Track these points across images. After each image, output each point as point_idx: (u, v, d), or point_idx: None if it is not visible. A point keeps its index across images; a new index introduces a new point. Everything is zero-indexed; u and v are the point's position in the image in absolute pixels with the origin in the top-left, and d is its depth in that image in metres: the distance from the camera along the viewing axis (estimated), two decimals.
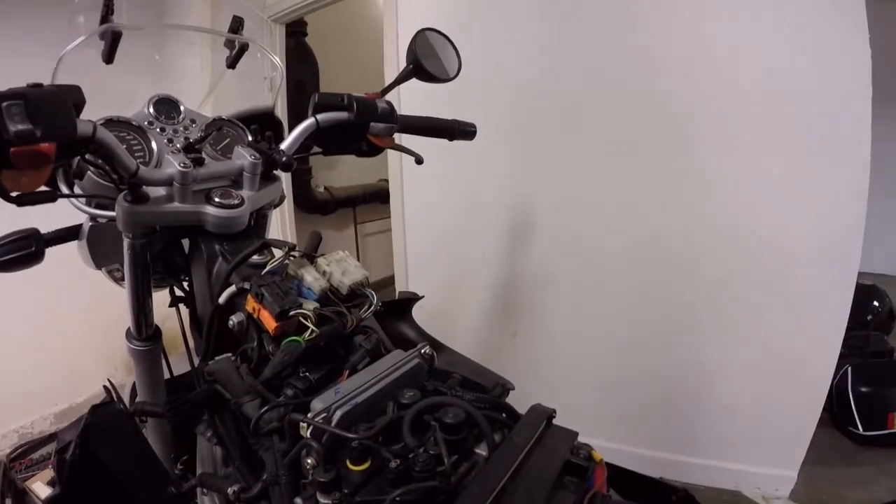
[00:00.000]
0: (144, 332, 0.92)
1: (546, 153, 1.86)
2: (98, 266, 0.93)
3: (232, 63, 1.07)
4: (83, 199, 0.83)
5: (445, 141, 1.16)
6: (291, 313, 0.67)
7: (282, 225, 2.95)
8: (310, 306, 0.69)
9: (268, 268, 0.73)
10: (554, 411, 0.64)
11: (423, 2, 2.15)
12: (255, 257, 0.79)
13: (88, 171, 0.81)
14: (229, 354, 0.73)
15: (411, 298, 1.13)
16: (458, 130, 1.14)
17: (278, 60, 1.13)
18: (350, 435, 0.56)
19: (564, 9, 1.77)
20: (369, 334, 0.74)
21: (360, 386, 0.63)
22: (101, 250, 0.90)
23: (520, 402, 0.71)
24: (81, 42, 0.83)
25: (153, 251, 0.88)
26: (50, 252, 0.84)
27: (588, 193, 1.79)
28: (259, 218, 1.00)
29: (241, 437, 0.71)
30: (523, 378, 2.02)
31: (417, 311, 2.34)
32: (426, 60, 1.07)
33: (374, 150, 1.06)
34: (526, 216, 1.93)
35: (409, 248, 2.33)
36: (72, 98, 0.60)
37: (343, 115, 0.98)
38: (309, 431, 0.57)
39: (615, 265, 1.79)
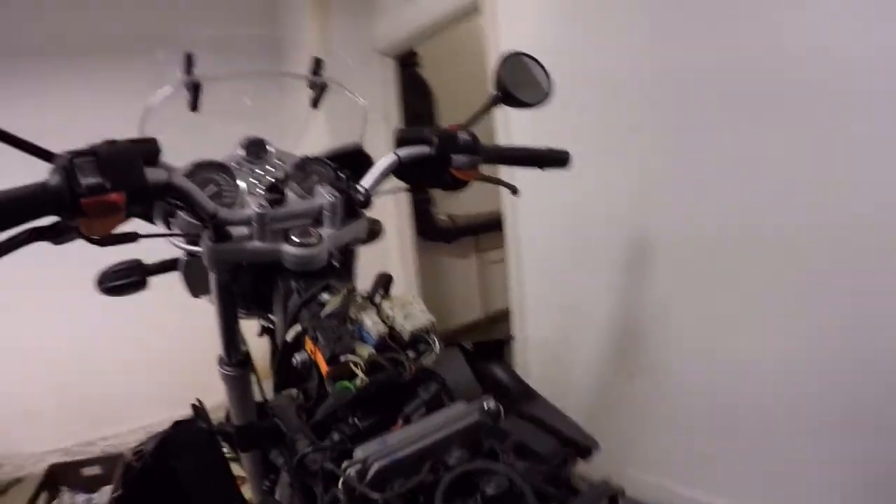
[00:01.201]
0: (233, 358, 0.97)
1: (665, 176, 1.71)
2: (194, 295, 1.00)
3: (314, 103, 1.11)
4: (177, 235, 0.90)
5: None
6: (342, 359, 0.65)
7: (402, 253, 3.02)
8: (364, 352, 0.66)
9: (326, 310, 0.72)
10: (622, 491, 0.56)
11: (524, 21, 2.12)
12: (324, 296, 0.79)
13: (179, 212, 0.86)
14: (293, 390, 0.73)
15: (503, 340, 1.08)
16: (549, 158, 1.09)
17: (361, 98, 1.15)
18: (373, 494, 0.52)
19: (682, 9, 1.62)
20: (429, 383, 0.70)
21: (407, 439, 0.60)
22: (195, 282, 0.96)
23: (631, 452, 0.63)
24: (166, 94, 0.90)
25: (242, 284, 0.92)
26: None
27: (713, 220, 1.62)
28: (347, 255, 1.01)
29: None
30: (640, 423, 1.89)
31: (526, 347, 2.27)
32: (513, 86, 1.04)
33: (460, 184, 1.04)
34: (645, 244, 1.79)
35: (525, 280, 2.27)
36: (144, 150, 0.65)
37: (424, 149, 0.97)
38: (340, 482, 0.55)
39: (747, 294, 1.59)
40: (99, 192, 0.59)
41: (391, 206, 3.00)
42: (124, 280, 0.93)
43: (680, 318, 1.74)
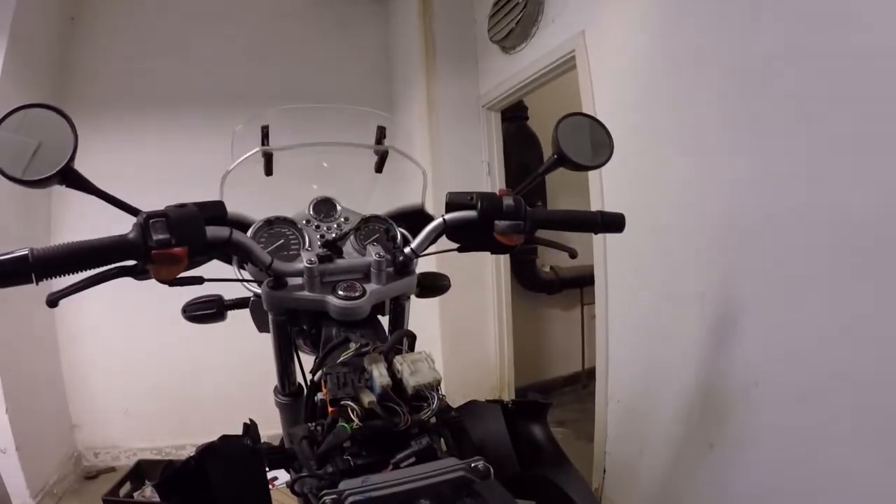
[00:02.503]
0: (287, 388, 1.10)
1: (759, 238, 1.62)
2: (260, 330, 1.14)
3: (378, 167, 1.22)
4: (248, 278, 1.05)
5: (645, 223, 1.11)
6: (341, 402, 0.73)
7: (498, 302, 3.07)
8: (366, 399, 0.74)
9: (340, 359, 0.81)
10: None
11: (615, 75, 2.14)
12: (351, 346, 0.87)
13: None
14: (311, 424, 0.82)
15: (543, 403, 1.10)
16: (602, 223, 1.09)
17: (419, 162, 1.25)
18: None
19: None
20: (423, 437, 0.75)
21: (387, 482, 0.66)
22: (261, 319, 1.09)
23: None
24: (243, 161, 1.06)
25: (300, 324, 1.04)
26: None
27: (809, 290, 1.50)
28: (396, 308, 1.10)
29: None
30: (718, 496, 1.77)
31: (614, 405, 2.22)
32: (570, 149, 1.07)
33: (505, 248, 1.08)
34: (730, 309, 1.71)
35: (611, 338, 2.23)
36: (209, 212, 0.82)
37: (470, 213, 1.03)
38: None
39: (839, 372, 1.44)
40: (165, 246, 0.75)
41: (491, 257, 3.07)
42: (204, 311, 1.11)
43: (769, 391, 1.62)
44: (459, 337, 3.03)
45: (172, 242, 0.75)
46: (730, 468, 1.74)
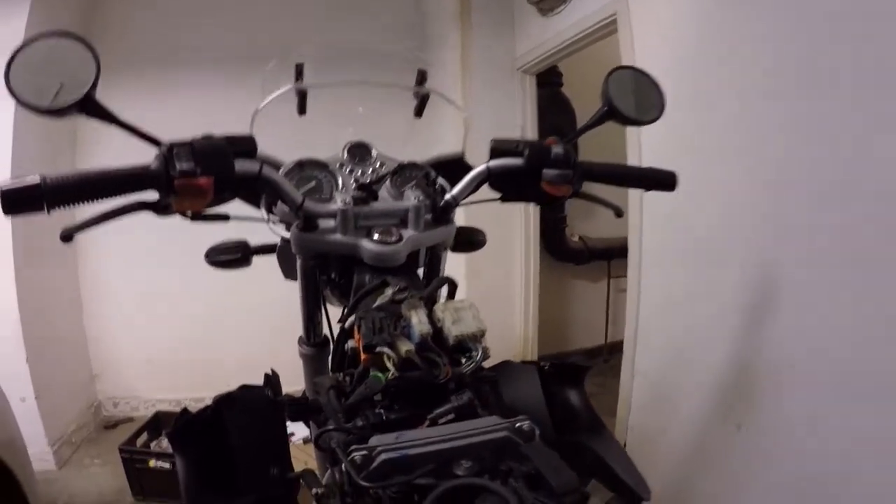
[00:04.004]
0: (312, 339, 1.05)
1: (805, 203, 1.52)
2: (286, 276, 1.08)
3: (417, 111, 1.15)
4: (276, 221, 0.99)
5: (685, 189, 1.05)
6: (377, 349, 0.67)
7: (526, 269, 3.01)
8: (403, 347, 0.68)
9: (376, 303, 0.75)
10: None
11: (659, 35, 2.03)
12: (388, 291, 0.82)
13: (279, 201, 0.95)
14: (339, 374, 0.77)
15: (582, 367, 1.04)
16: (653, 180, 1.03)
17: (461, 106, 1.17)
18: (360, 481, 0.53)
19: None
20: (463, 392, 0.69)
21: (424, 439, 0.60)
22: (288, 265, 1.04)
23: None
24: (276, 100, 1.00)
25: (329, 273, 0.99)
26: None
27: (854, 268, 1.41)
28: (433, 258, 1.04)
29: None
30: (743, 481, 1.70)
31: (640, 380, 2.15)
32: (621, 102, 1.00)
33: (552, 200, 1.01)
34: (770, 288, 1.62)
35: (642, 311, 2.16)
36: (238, 145, 0.77)
37: (516, 161, 0.96)
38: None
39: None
40: (189, 176, 0.70)
41: (519, 222, 3.00)
42: (229, 256, 1.05)
43: (805, 376, 1.54)
44: (485, 302, 2.92)
45: (198, 172, 0.70)
46: (756, 452, 1.68)
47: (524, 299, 3.04)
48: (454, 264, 1.11)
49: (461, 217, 1.09)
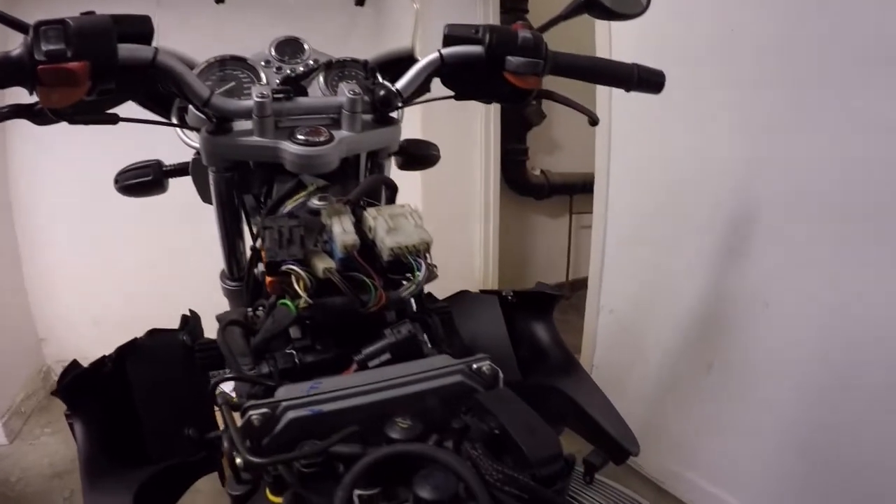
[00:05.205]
0: (236, 272, 0.91)
1: (784, 140, 1.40)
2: (205, 200, 0.91)
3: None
4: (185, 131, 0.83)
5: (659, 122, 0.90)
6: (283, 268, 0.50)
7: (485, 205, 2.86)
8: (321, 265, 0.50)
9: (288, 208, 0.58)
10: None
11: None
12: (315, 203, 0.65)
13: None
14: (248, 308, 0.61)
15: (552, 295, 0.90)
16: (638, 79, 0.87)
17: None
18: (247, 455, 0.37)
19: None
20: (403, 323, 0.53)
21: (348, 388, 0.44)
22: (204, 184, 0.87)
23: (694, 454, 0.44)
24: None
25: (252, 192, 0.82)
26: None
27: (833, 195, 1.31)
28: (374, 168, 0.87)
29: None
30: (715, 423, 1.64)
31: (606, 316, 2.06)
32: None
33: (518, 95, 0.85)
34: (748, 219, 1.50)
35: (608, 245, 2.03)
36: (127, 26, 0.62)
37: (475, 49, 0.79)
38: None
39: (868, 290, 1.28)
40: (57, 60, 0.56)
41: (480, 154, 2.82)
42: (139, 179, 0.90)
43: (778, 308, 1.46)
44: (442, 235, 2.78)
45: (68, 54, 0.56)
46: (726, 391, 1.62)
47: (484, 233, 2.90)
48: (410, 194, 0.94)
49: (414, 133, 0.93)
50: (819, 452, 1.39)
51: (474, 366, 0.49)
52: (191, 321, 0.73)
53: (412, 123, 2.39)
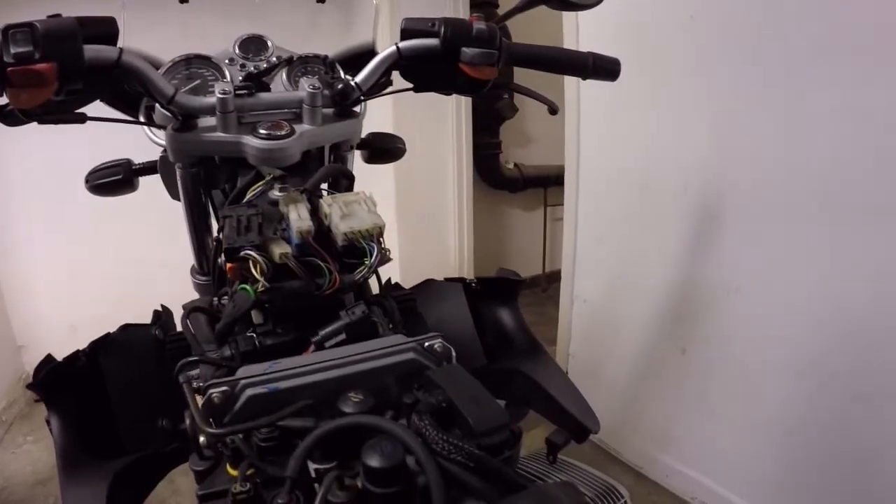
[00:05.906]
0: (205, 267, 0.92)
1: (749, 131, 1.44)
2: (173, 197, 0.92)
3: None
4: (153, 129, 0.85)
5: (625, 108, 0.92)
6: (241, 254, 0.51)
7: (458, 198, 2.87)
8: (277, 251, 0.52)
9: (247, 197, 0.59)
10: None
11: None
12: (275, 193, 0.66)
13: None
14: (213, 297, 0.63)
15: (514, 280, 0.92)
16: (594, 67, 0.88)
17: None
18: (205, 428, 0.39)
19: None
20: (357, 305, 0.55)
21: (303, 366, 0.46)
22: (172, 181, 0.89)
23: (669, 437, 0.46)
24: None
25: (220, 186, 0.83)
26: None
27: (800, 183, 1.35)
28: (335, 160, 0.89)
29: None
30: (690, 407, 1.68)
31: (580, 306, 2.09)
32: None
33: (474, 86, 0.86)
34: (716, 206, 1.54)
35: (581, 233, 2.06)
36: (92, 28, 0.64)
37: (432, 41, 0.81)
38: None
39: (831, 272, 1.32)
40: (25, 62, 0.58)
41: (452, 149, 2.83)
42: (109, 178, 0.92)
43: (748, 292, 1.50)
44: (416, 231, 2.79)
45: (36, 56, 0.58)
46: (700, 375, 1.66)
47: (458, 228, 2.91)
48: (384, 192, 0.96)
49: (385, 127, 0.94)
50: (794, 433, 1.44)
51: (426, 343, 0.51)
52: (163, 316, 0.75)
53: (384, 118, 2.41)
